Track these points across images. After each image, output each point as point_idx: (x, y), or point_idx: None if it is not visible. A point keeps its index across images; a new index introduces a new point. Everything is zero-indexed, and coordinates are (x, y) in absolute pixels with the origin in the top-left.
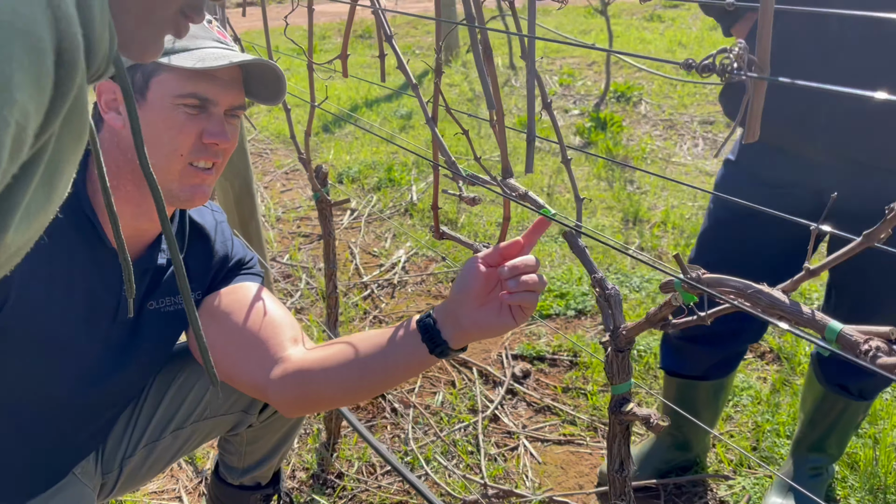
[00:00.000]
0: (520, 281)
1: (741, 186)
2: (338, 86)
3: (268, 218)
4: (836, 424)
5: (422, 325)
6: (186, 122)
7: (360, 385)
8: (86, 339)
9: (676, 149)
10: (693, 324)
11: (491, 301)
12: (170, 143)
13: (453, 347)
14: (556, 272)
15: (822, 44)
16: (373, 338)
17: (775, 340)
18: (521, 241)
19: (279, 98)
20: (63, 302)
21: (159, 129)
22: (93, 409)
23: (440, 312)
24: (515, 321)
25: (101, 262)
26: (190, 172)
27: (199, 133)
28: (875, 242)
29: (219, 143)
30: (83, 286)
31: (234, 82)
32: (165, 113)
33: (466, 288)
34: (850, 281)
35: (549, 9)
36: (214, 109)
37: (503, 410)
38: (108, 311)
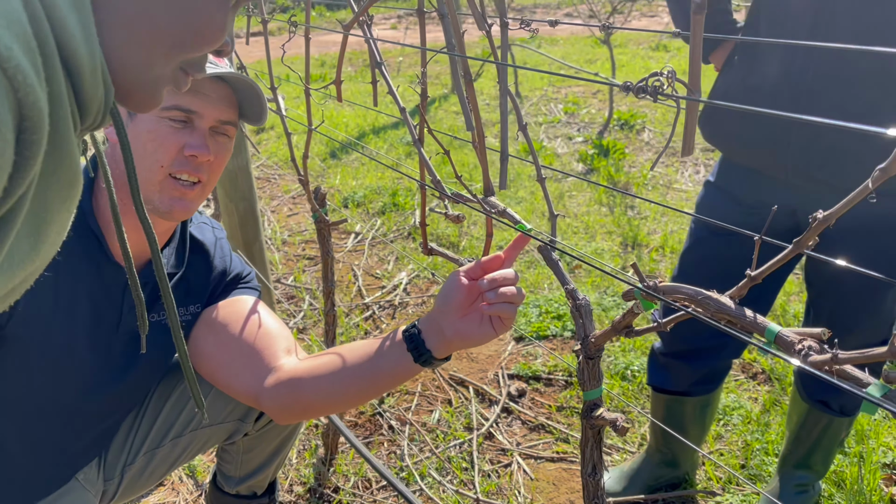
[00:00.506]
0: (498, 293)
1: (719, 207)
2: (346, 113)
3: (274, 241)
4: (820, 441)
5: (407, 335)
6: (169, 134)
7: (349, 392)
8: (89, 348)
9: (678, 175)
10: (653, 330)
11: (473, 312)
12: (152, 154)
13: (437, 357)
14: (553, 294)
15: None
16: (362, 348)
17: (767, 362)
18: (502, 256)
19: (264, 115)
20: (67, 313)
21: (143, 141)
22: (95, 417)
23: (425, 323)
24: (495, 331)
25: (105, 275)
26: (170, 185)
27: (181, 146)
28: (804, 249)
29: (198, 155)
30: (87, 298)
31: (222, 100)
32: (150, 125)
33: (449, 300)
34: (826, 300)
35: (555, 38)
36: (199, 123)
37: (498, 428)
38: (111, 322)
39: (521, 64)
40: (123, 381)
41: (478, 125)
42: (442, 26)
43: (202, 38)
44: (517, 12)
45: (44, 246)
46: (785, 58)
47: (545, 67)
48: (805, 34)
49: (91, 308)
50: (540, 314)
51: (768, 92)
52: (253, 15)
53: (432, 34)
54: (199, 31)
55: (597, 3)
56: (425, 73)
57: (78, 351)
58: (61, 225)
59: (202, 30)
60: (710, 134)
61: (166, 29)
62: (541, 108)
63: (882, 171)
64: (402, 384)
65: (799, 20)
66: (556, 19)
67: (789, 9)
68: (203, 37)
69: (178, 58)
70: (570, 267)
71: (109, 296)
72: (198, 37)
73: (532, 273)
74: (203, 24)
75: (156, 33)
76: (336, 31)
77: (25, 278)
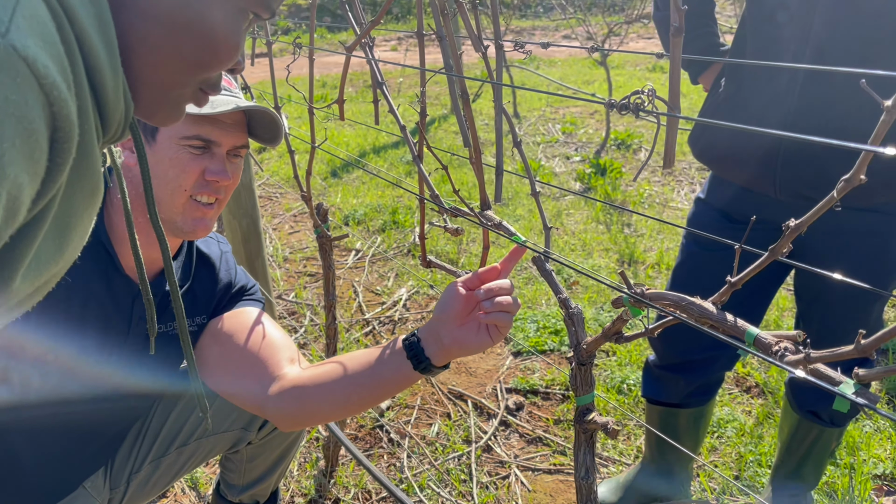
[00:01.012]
0: (494, 302)
1: (710, 222)
2: (347, 133)
3: (275, 258)
4: (811, 451)
5: (407, 343)
6: (190, 161)
7: (351, 399)
8: (99, 358)
9: (674, 194)
10: (641, 336)
11: (470, 321)
12: (175, 180)
13: (436, 364)
14: (550, 310)
15: None
16: (363, 356)
17: (761, 376)
18: (499, 267)
19: (278, 140)
20: (79, 322)
21: (165, 167)
22: (103, 425)
23: (424, 332)
24: (492, 339)
25: (115, 287)
26: (193, 206)
27: (202, 171)
28: (778, 256)
29: (219, 180)
30: (97, 308)
31: (237, 125)
32: (172, 152)
33: (447, 309)
34: (815, 312)
35: (554, 60)
36: (217, 150)
37: (496, 441)
38: (121, 332)
39: (520, 83)
40: (131, 390)
41: (475, 142)
42: (440, 48)
43: (219, 58)
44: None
45: (68, 248)
46: (771, 80)
47: (544, 88)
48: (790, 59)
49: (101, 318)
50: (537, 329)
51: (755, 112)
52: (258, 37)
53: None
54: (217, 51)
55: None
56: (424, 91)
57: (87, 360)
58: (83, 229)
59: (219, 50)
60: (700, 152)
61: (187, 51)
62: (539, 128)
63: (846, 181)
64: (402, 394)
65: (784, 44)
66: (549, 41)
67: (775, 33)
68: (220, 57)
69: (197, 77)
70: (568, 283)
71: (119, 307)
72: (215, 57)
73: (530, 289)
74: (220, 45)
75: (178, 56)
76: (339, 52)
77: (49, 279)
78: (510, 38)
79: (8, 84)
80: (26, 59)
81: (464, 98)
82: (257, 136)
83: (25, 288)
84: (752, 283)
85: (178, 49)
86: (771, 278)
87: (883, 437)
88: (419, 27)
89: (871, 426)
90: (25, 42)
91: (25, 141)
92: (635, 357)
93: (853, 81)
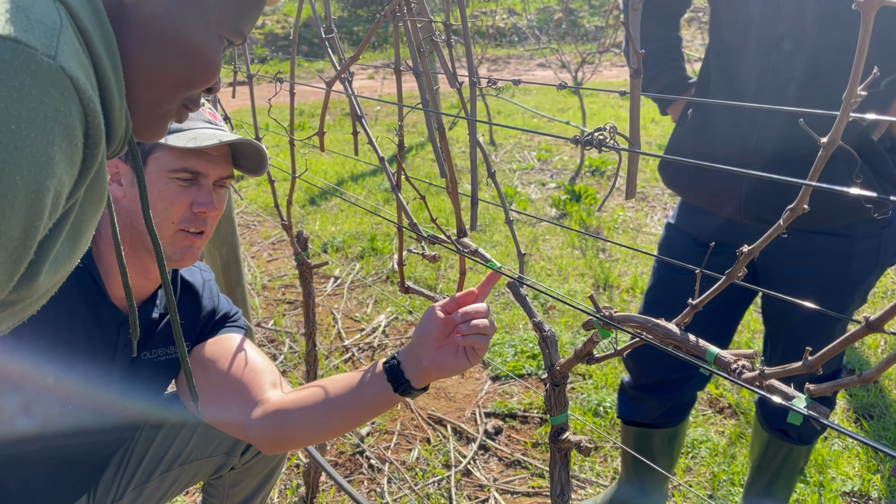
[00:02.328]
0: (471, 325)
1: (680, 247)
2: (325, 161)
3: (254, 286)
4: (781, 468)
5: (387, 366)
6: (179, 193)
7: (333, 422)
8: (83, 385)
9: (647, 219)
10: (611, 357)
11: (448, 344)
12: (163, 212)
13: (416, 386)
14: (527, 334)
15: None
16: (344, 380)
17: (733, 397)
18: (476, 292)
19: (263, 170)
20: (64, 350)
21: (154, 199)
22: (87, 453)
23: (403, 355)
24: (469, 361)
25: (101, 315)
26: (181, 236)
27: (190, 203)
28: (735, 279)
29: (207, 211)
30: (83, 336)
31: (222, 157)
32: (161, 185)
33: (426, 332)
34: (781, 333)
35: (529, 88)
36: (204, 181)
37: (475, 465)
38: (106, 358)
39: (496, 112)
40: (115, 416)
41: (451, 173)
42: (417, 83)
43: (205, 77)
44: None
45: (78, 250)
46: (734, 111)
47: (519, 115)
48: (751, 92)
49: (87, 345)
50: (515, 353)
51: (720, 142)
52: (239, 70)
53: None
54: (203, 72)
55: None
56: (402, 126)
57: (73, 387)
58: (89, 235)
59: (205, 71)
60: (668, 180)
61: (178, 72)
62: (515, 155)
63: (791, 210)
64: (382, 420)
65: (746, 79)
66: (520, 79)
67: (737, 69)
68: (206, 76)
69: (182, 95)
70: (545, 308)
71: (105, 334)
72: (202, 76)
73: (507, 314)
74: (206, 66)
75: (170, 76)
76: (318, 86)
77: (57, 281)
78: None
79: (57, 97)
80: (71, 78)
81: (440, 131)
82: (242, 167)
83: (47, 283)
84: (719, 306)
85: (170, 70)
86: (737, 301)
87: (851, 455)
88: (396, 62)
89: (840, 444)
90: (70, 63)
91: (69, 145)
92: (611, 380)
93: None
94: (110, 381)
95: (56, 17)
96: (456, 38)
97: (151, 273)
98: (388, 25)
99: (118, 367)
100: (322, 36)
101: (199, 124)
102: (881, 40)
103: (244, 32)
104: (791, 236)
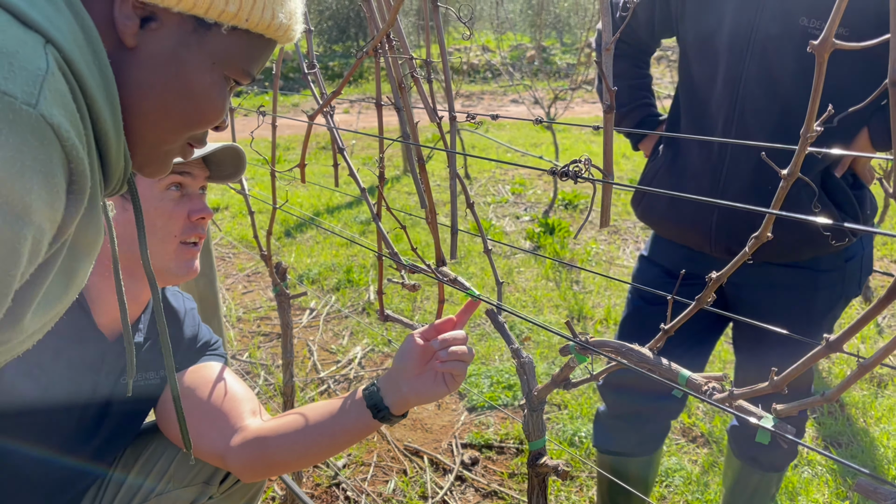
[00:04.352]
0: (450, 351)
1: (653, 278)
2: (300, 194)
3: (229, 318)
4: (753, 496)
5: (367, 392)
6: (175, 206)
7: (312, 449)
8: (63, 414)
9: (619, 252)
10: (588, 381)
11: (427, 371)
12: (164, 228)
13: (395, 413)
14: (504, 365)
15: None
16: (323, 407)
17: (706, 426)
18: (454, 319)
19: (238, 174)
20: (47, 376)
21: (152, 217)
22: (63, 482)
23: (383, 381)
24: (448, 388)
25: (86, 342)
26: (183, 250)
27: (187, 213)
28: (704, 305)
29: (205, 216)
30: (67, 365)
31: (199, 164)
32: (156, 202)
33: (405, 359)
34: (750, 363)
35: (503, 123)
36: (192, 189)
37: (452, 496)
38: (87, 389)
39: (471, 146)
40: (93, 444)
41: (430, 203)
42: (398, 118)
43: (207, 118)
44: (465, 98)
45: (72, 288)
46: (704, 147)
47: (493, 150)
48: (721, 127)
49: (70, 375)
50: (491, 384)
51: (690, 176)
52: None
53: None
54: (205, 113)
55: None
56: (383, 158)
57: (53, 418)
58: (84, 272)
59: (207, 113)
60: (641, 214)
61: (179, 114)
62: (489, 188)
63: (756, 238)
64: (358, 451)
65: (714, 115)
66: (498, 114)
67: (706, 106)
68: (208, 118)
69: (186, 135)
70: (521, 339)
71: (89, 363)
72: (204, 118)
73: (483, 345)
74: (208, 108)
75: (171, 118)
76: (301, 119)
77: (52, 318)
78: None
79: (36, 146)
80: (52, 126)
81: (420, 164)
82: (214, 176)
83: (34, 324)
84: (692, 337)
85: (171, 112)
86: (708, 332)
87: (821, 482)
88: (377, 97)
89: (810, 472)
90: (52, 111)
91: (49, 193)
92: (586, 410)
93: (776, 150)
94: (89, 408)
95: (42, 64)
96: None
97: (141, 297)
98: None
99: (98, 396)
100: (304, 71)
101: None
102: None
103: (252, 74)
104: (759, 268)
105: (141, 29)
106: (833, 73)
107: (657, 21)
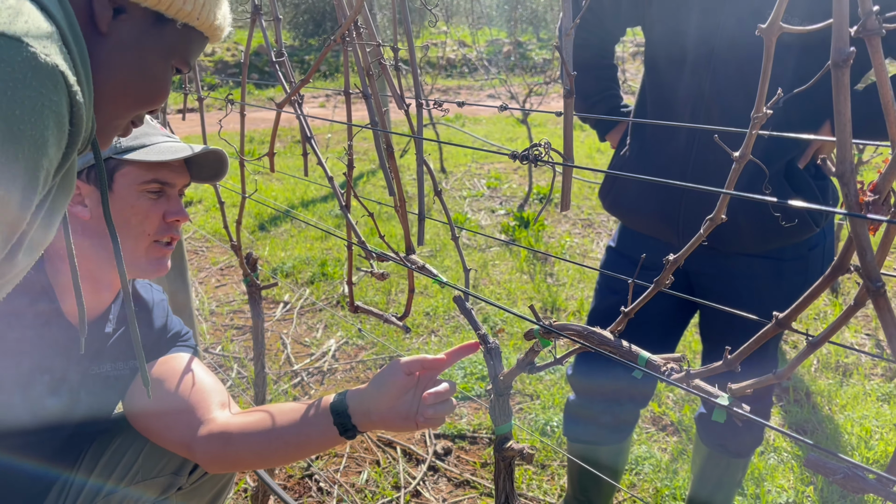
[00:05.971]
0: (429, 417)
1: (620, 269)
2: (275, 187)
3: (202, 311)
4: (721, 481)
5: (335, 411)
6: (151, 206)
7: (277, 454)
8: (29, 405)
9: (593, 245)
10: (552, 365)
11: (401, 403)
12: (138, 226)
13: (361, 430)
14: (478, 357)
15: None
16: (292, 412)
17: (675, 415)
18: (444, 358)
19: (220, 175)
20: (13, 365)
21: (127, 215)
22: (28, 476)
23: (354, 400)
24: (417, 427)
25: (54, 332)
26: (155, 248)
27: (162, 214)
28: (662, 287)
29: (180, 219)
30: (33, 352)
31: (181, 167)
32: (132, 200)
33: (384, 388)
34: (717, 352)
35: (479, 118)
36: (171, 191)
37: (425, 486)
38: (54, 377)
39: (446, 140)
40: (60, 436)
41: (399, 190)
42: (367, 106)
43: (155, 100)
44: (442, 93)
45: (48, 236)
46: (672, 137)
47: (468, 144)
48: (687, 116)
49: (37, 361)
50: (465, 375)
51: (658, 167)
52: (190, 93)
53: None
54: (155, 95)
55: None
56: (351, 145)
57: (18, 407)
58: (57, 223)
59: (156, 93)
60: (609, 205)
61: (135, 93)
62: (465, 182)
63: (710, 220)
64: None
65: (680, 105)
66: (467, 101)
67: (672, 96)
68: (156, 99)
69: (135, 113)
70: (494, 331)
71: (56, 352)
72: (153, 99)
73: (457, 337)
74: (158, 90)
75: (127, 95)
76: (268, 108)
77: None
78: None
79: (51, 88)
80: (63, 74)
81: (388, 150)
82: (196, 177)
83: (23, 261)
84: (659, 326)
85: (128, 91)
86: (674, 322)
87: (786, 468)
88: (346, 85)
89: (776, 458)
90: (60, 61)
91: (59, 130)
92: (557, 400)
93: (741, 138)
94: (55, 399)
95: (48, 26)
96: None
97: (113, 285)
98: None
99: (69, 383)
100: (273, 59)
101: (161, 139)
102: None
103: (191, 64)
104: (726, 259)
105: (113, 18)
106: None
107: (624, 9)
